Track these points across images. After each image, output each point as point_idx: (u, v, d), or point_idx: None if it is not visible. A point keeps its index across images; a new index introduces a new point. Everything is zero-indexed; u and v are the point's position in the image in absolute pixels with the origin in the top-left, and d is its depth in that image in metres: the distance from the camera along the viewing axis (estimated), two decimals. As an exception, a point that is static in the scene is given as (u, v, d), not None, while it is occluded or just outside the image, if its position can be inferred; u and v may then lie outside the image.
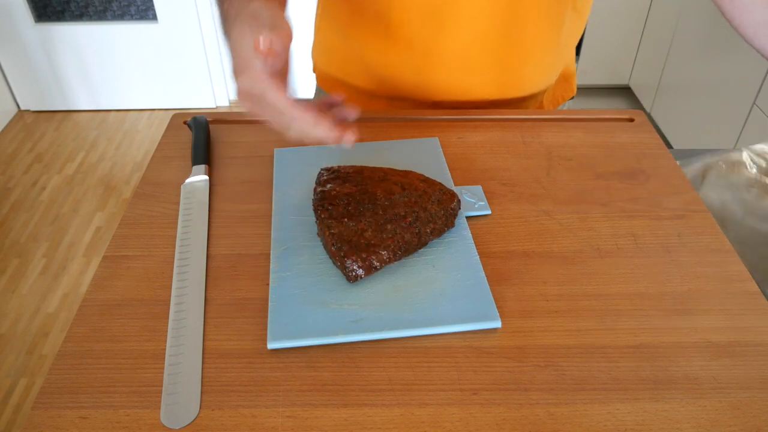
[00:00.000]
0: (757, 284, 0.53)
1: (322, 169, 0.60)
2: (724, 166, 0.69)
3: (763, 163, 0.69)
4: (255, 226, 0.59)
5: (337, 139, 0.49)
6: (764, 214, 0.65)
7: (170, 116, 0.76)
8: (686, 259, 0.55)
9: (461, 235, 0.56)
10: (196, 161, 0.66)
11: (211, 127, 0.73)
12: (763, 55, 0.63)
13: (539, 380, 0.45)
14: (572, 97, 0.90)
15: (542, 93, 0.82)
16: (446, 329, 0.48)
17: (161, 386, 0.45)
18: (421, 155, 0.67)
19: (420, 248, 0.54)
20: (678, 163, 0.59)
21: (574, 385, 0.45)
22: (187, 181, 0.64)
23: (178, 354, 0.47)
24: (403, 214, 0.54)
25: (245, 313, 0.50)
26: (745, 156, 0.72)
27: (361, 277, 0.51)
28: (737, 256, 0.56)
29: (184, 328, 0.49)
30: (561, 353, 0.47)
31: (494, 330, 0.49)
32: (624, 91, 2.60)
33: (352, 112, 0.56)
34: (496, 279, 0.53)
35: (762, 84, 1.67)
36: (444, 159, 0.66)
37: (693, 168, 0.72)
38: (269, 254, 0.55)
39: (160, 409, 0.43)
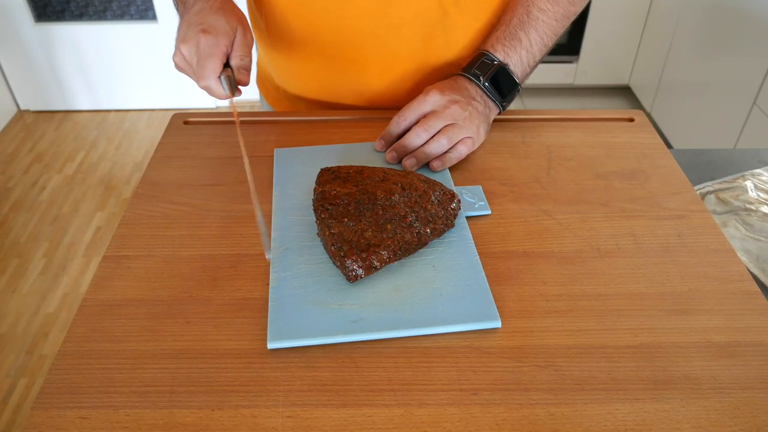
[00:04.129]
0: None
1: (322, 169, 0.60)
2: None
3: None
4: (255, 226, 0.59)
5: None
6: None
7: (170, 116, 0.76)
8: (686, 259, 0.55)
9: (461, 235, 0.56)
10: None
11: (211, 127, 0.73)
12: None
13: (539, 380, 0.45)
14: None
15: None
16: (446, 329, 0.48)
17: (161, 386, 0.45)
18: (421, 155, 0.67)
19: (420, 248, 0.54)
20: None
21: (574, 385, 0.45)
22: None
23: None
24: (403, 214, 0.54)
25: (245, 313, 0.50)
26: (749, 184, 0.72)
27: (361, 277, 0.51)
28: (737, 256, 0.56)
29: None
30: (561, 353, 0.47)
31: (494, 330, 0.49)
32: (624, 91, 2.60)
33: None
34: (496, 279, 0.53)
35: (762, 84, 1.67)
36: (444, 159, 0.66)
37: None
38: (269, 254, 0.55)
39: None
